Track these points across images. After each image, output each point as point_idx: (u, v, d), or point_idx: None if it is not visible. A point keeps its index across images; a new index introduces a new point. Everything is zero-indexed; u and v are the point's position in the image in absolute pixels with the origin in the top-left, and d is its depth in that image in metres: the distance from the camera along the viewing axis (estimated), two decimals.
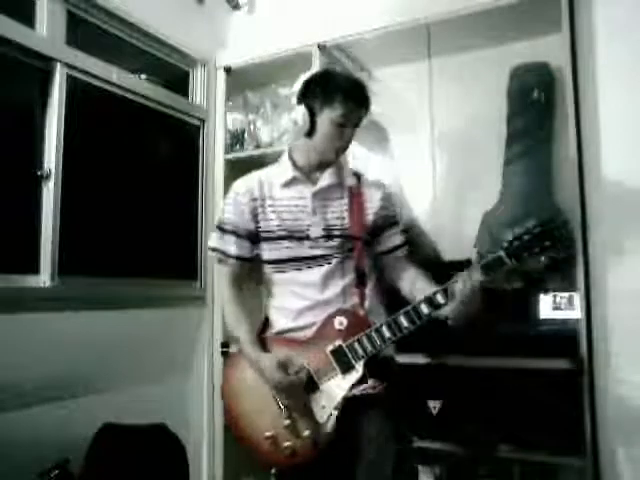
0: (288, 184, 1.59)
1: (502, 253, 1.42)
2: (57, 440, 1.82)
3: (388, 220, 1.65)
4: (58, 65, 2.03)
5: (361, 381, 1.45)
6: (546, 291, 2.04)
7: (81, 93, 2.12)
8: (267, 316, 1.66)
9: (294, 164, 1.60)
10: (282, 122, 2.57)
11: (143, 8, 2.34)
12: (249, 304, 1.64)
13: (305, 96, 1.56)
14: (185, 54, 2.63)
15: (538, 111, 2.19)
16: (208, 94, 2.74)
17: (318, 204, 1.57)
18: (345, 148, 1.59)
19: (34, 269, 1.96)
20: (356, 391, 1.45)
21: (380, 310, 1.60)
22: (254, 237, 1.60)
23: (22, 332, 1.82)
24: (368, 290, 1.57)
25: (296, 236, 1.54)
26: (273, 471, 1.57)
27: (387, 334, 1.46)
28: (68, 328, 1.97)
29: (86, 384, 2.02)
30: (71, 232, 2.04)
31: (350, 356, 1.46)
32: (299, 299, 1.54)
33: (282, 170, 1.62)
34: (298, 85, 1.60)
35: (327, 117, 1.51)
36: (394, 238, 1.66)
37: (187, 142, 2.68)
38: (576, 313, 1.94)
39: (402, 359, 2.11)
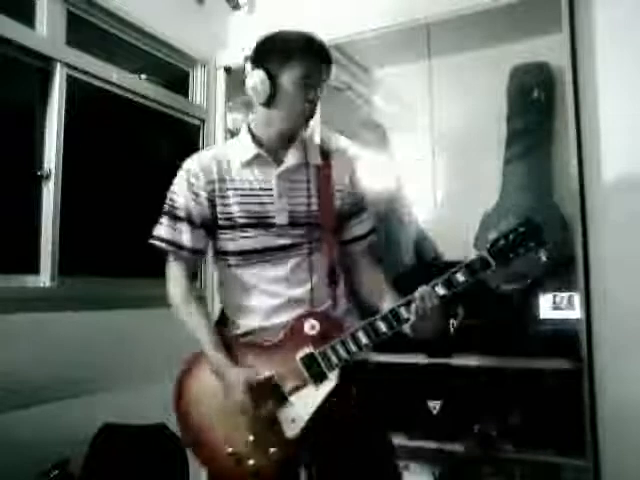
0: (249, 163, 1.38)
1: (485, 253, 1.31)
2: (57, 440, 1.82)
3: (355, 206, 1.46)
4: (58, 65, 2.03)
5: (335, 391, 1.30)
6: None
7: (81, 93, 2.12)
8: (225, 315, 1.48)
9: (255, 140, 1.40)
10: None
11: (143, 8, 2.34)
12: (204, 300, 1.48)
13: (260, 58, 1.37)
14: (185, 54, 2.63)
15: (538, 111, 2.20)
16: (208, 94, 2.74)
17: (284, 187, 1.37)
18: (311, 115, 1.40)
19: (34, 269, 1.96)
20: (332, 403, 1.30)
21: (355, 312, 1.47)
22: (210, 225, 1.40)
23: (22, 332, 1.82)
24: (341, 287, 1.43)
25: (260, 223, 1.36)
26: None
27: (363, 340, 1.30)
28: (68, 328, 1.97)
29: (86, 384, 2.02)
30: (71, 232, 2.04)
31: (323, 365, 1.30)
32: (268, 297, 1.37)
33: (242, 147, 1.40)
34: (249, 49, 1.41)
35: (288, 78, 1.33)
36: (358, 227, 1.47)
37: (187, 142, 2.68)
38: (576, 313, 1.94)
39: (403, 359, 2.13)
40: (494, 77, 2.29)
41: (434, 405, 2.12)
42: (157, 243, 1.43)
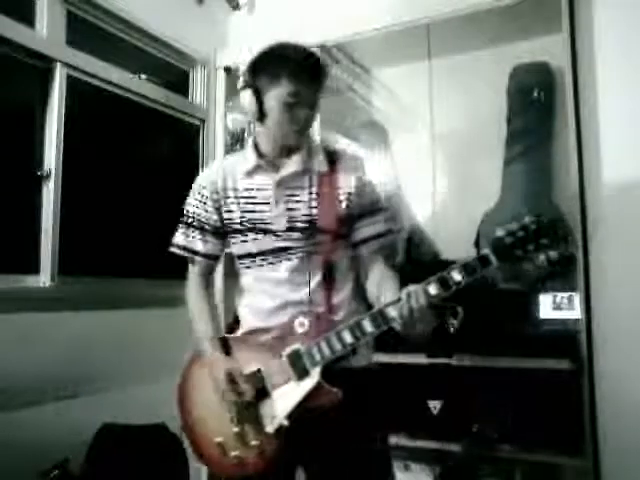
0: (251, 173, 1.45)
1: (488, 251, 1.25)
2: (57, 440, 1.82)
3: (364, 208, 1.45)
4: (58, 65, 2.03)
5: (318, 390, 1.31)
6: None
7: (81, 93, 2.12)
8: (237, 314, 1.53)
9: (258, 151, 1.46)
10: None
11: (143, 8, 2.34)
12: (214, 301, 1.57)
13: (250, 77, 1.40)
14: (185, 54, 2.63)
15: (538, 111, 2.20)
16: (208, 94, 2.74)
17: (282, 193, 1.41)
18: (304, 131, 1.42)
19: (34, 269, 1.96)
20: (311, 401, 1.32)
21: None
22: (221, 232, 1.49)
23: (22, 332, 1.83)
24: (346, 290, 1.43)
25: (259, 228, 1.42)
26: None
27: (348, 338, 1.30)
28: (68, 328, 1.98)
29: (86, 384, 2.02)
30: (71, 232, 2.04)
31: (306, 361, 1.32)
32: (268, 298, 1.42)
33: (245, 158, 1.47)
34: (243, 67, 1.42)
35: (274, 98, 1.36)
36: (366, 229, 1.45)
37: (187, 142, 2.68)
38: (576, 313, 1.94)
39: (403, 359, 2.13)
40: (494, 77, 2.29)
41: (434, 405, 2.12)
42: (175, 250, 1.55)
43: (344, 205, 1.42)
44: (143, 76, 2.42)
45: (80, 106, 2.10)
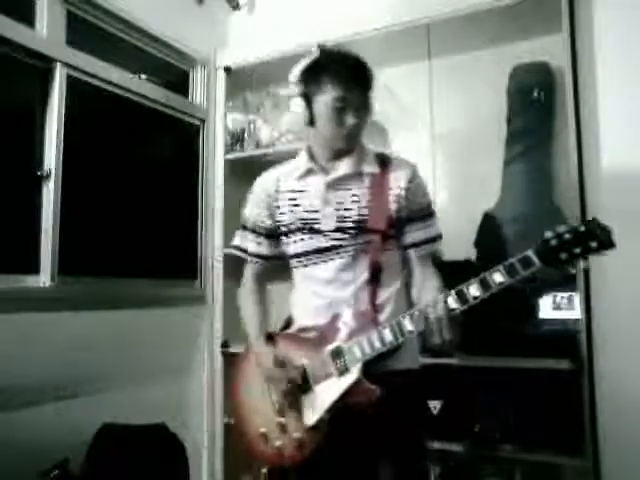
0: (303, 176, 1.52)
1: (531, 252, 1.23)
2: (57, 440, 1.82)
3: (415, 212, 1.48)
4: (58, 65, 2.03)
5: (356, 386, 1.35)
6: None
7: (81, 93, 2.12)
8: (291, 313, 1.61)
9: (311, 155, 1.52)
10: (282, 122, 2.57)
11: (143, 8, 2.34)
12: (266, 300, 1.64)
13: (301, 84, 1.48)
14: (185, 54, 2.63)
15: (538, 111, 2.19)
16: (208, 94, 2.74)
17: (332, 195, 1.47)
18: (354, 134, 1.46)
19: (34, 269, 1.97)
20: (351, 397, 1.36)
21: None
22: (275, 234, 1.56)
23: (22, 332, 1.83)
24: (392, 289, 1.46)
25: (309, 228, 1.48)
26: (264, 470, 1.54)
27: (389, 337, 1.34)
28: (68, 328, 1.98)
29: (86, 384, 2.02)
30: (71, 232, 2.04)
31: (347, 358, 1.37)
32: (316, 296, 1.48)
33: (299, 163, 1.55)
34: (295, 75, 1.51)
35: (322, 103, 1.42)
36: (418, 233, 1.49)
37: (187, 142, 2.68)
38: (576, 313, 1.94)
39: None
40: (494, 77, 2.29)
41: (434, 405, 2.12)
42: (231, 250, 1.66)
43: (394, 207, 1.45)
44: (143, 76, 2.42)
45: (80, 106, 2.10)
